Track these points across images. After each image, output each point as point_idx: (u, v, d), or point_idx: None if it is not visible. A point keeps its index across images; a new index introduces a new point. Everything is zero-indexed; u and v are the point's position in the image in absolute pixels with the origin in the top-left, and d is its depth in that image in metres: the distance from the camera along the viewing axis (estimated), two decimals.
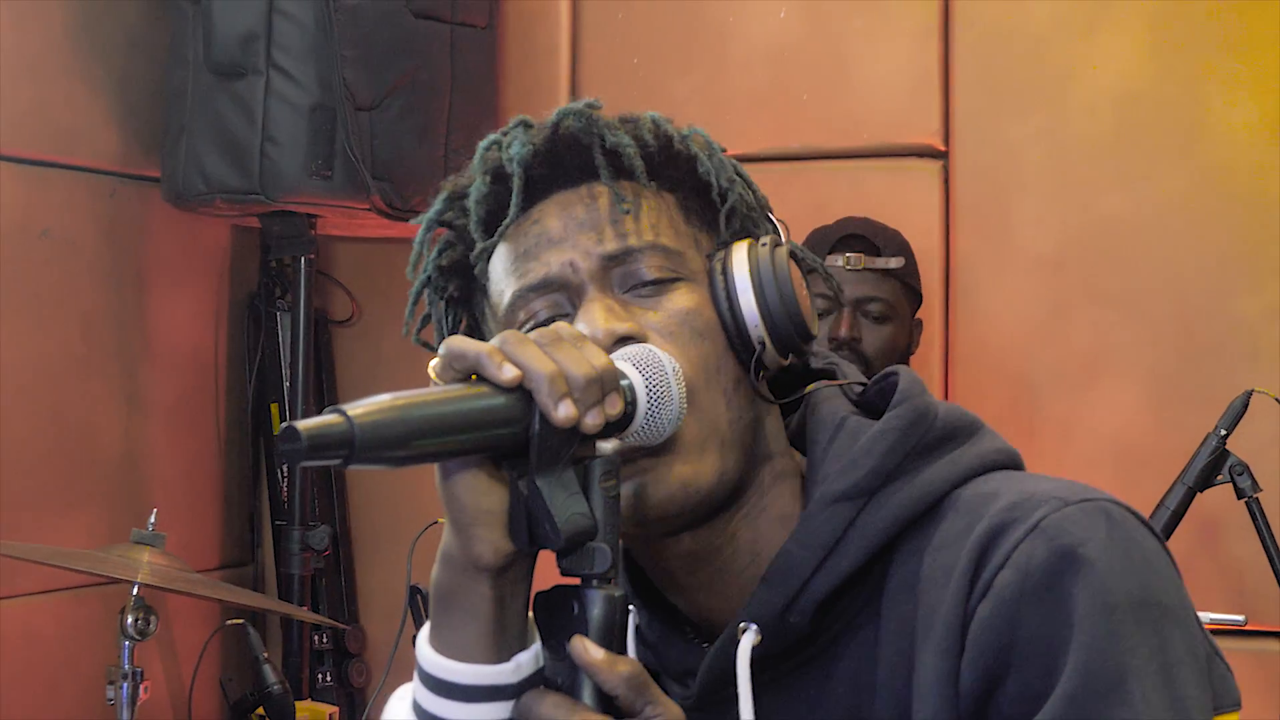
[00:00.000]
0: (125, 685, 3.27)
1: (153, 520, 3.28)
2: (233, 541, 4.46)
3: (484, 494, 1.34)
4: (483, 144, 1.61)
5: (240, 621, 3.58)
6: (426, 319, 1.67)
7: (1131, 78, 3.91)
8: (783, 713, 1.53)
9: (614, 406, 1.37)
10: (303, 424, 1.21)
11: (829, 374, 1.65)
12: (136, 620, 3.23)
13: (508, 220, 1.57)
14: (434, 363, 1.37)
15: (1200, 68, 3.90)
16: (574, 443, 1.36)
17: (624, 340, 1.48)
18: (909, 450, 1.53)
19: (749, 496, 1.56)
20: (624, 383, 1.41)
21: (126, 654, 3.26)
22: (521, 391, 1.33)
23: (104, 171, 4.01)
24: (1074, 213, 3.95)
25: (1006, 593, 1.41)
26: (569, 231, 1.54)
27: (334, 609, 4.41)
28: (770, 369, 1.56)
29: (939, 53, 4.07)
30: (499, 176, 1.58)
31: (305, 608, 4.07)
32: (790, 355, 1.56)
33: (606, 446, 1.38)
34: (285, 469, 4.32)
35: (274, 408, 4.40)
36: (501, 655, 1.38)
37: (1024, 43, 4.02)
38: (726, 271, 1.54)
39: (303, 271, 4.13)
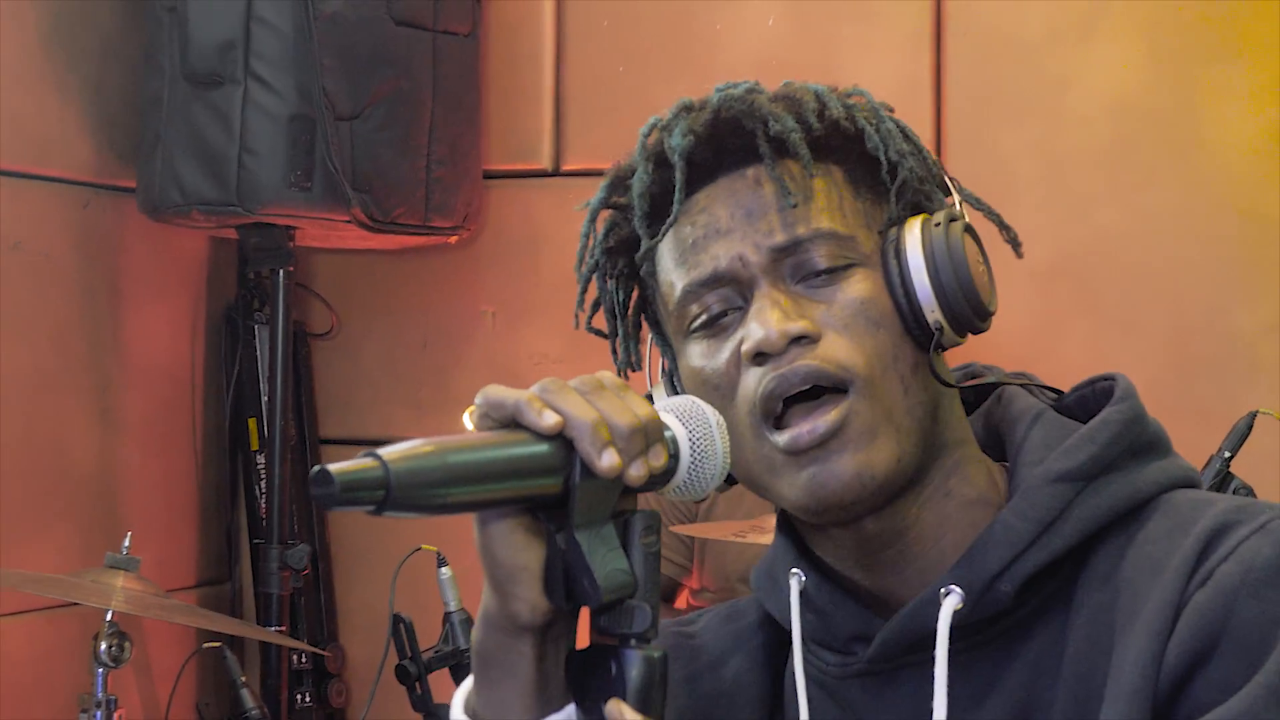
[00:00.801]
0: (99, 714, 3.19)
1: (127, 544, 3.20)
2: (210, 559, 4.39)
3: (521, 550, 1.31)
4: (644, 129, 1.60)
5: (218, 644, 3.50)
6: (596, 305, 1.65)
7: (1126, 87, 3.86)
8: (961, 684, 1.51)
9: (658, 459, 1.33)
10: (336, 467, 1.18)
11: (1021, 383, 1.66)
12: (110, 647, 3.15)
13: (669, 221, 1.54)
14: (470, 410, 1.33)
15: (1196, 77, 3.85)
16: (615, 495, 1.31)
17: (799, 340, 1.47)
18: (1126, 446, 1.54)
19: (931, 479, 1.54)
20: (667, 434, 1.36)
21: (100, 682, 3.18)
22: (562, 440, 1.29)
23: (78, 182, 3.94)
24: (1068, 224, 3.89)
25: (1227, 582, 1.41)
26: (736, 221, 1.52)
27: (313, 628, 4.35)
28: (948, 348, 1.54)
29: (931, 61, 4.01)
30: (662, 163, 1.56)
31: (284, 627, 4.00)
32: (967, 335, 1.53)
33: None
34: (264, 485, 4.25)
35: (252, 422, 4.33)
36: (539, 717, 1.34)
37: (1017, 51, 3.96)
38: (900, 255, 1.51)
39: (281, 284, 4.05)
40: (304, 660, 4.21)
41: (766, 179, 1.52)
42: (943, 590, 1.50)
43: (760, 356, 1.48)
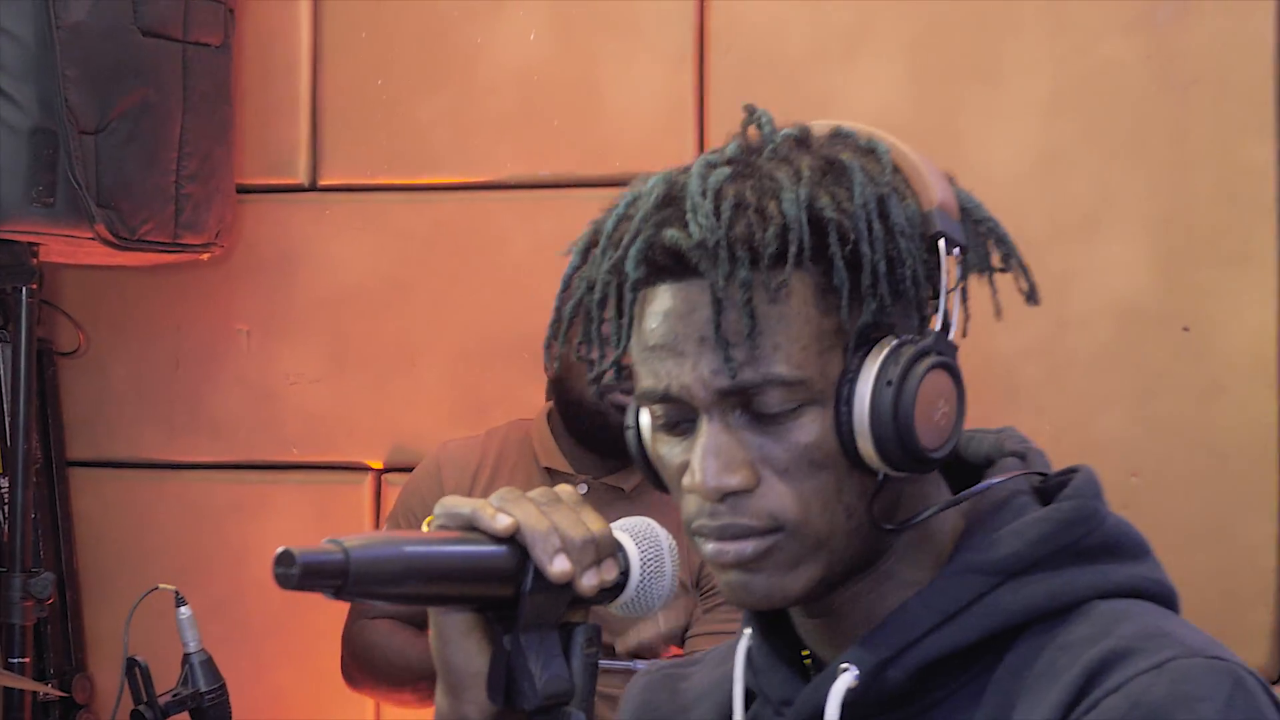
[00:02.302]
0: None
1: None
2: None
3: (475, 656, 1.42)
4: (611, 220, 1.53)
5: None
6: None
7: (889, 107, 3.87)
8: None
9: (610, 572, 1.43)
10: (300, 551, 1.27)
11: (1020, 455, 1.60)
12: None
13: (617, 354, 1.54)
14: (429, 520, 1.44)
15: (958, 98, 3.88)
16: (564, 604, 1.41)
17: (730, 495, 1.47)
18: (1061, 546, 1.51)
19: (878, 566, 1.54)
20: (619, 552, 1.45)
21: None
22: (517, 546, 1.38)
23: None
24: None
25: (1108, 716, 1.40)
26: (689, 344, 1.47)
27: (60, 657, 4.24)
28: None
29: (693, 78, 4.00)
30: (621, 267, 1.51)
31: (27, 658, 3.89)
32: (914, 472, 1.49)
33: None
34: (6, 509, 4.12)
35: None
36: None
37: (780, 69, 3.96)
38: (849, 404, 1.47)
39: (24, 302, 3.93)
40: (50, 692, 4.11)
41: (724, 300, 1.46)
42: (842, 666, 1.50)
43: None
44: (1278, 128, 3.70)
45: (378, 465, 4.16)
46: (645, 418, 1.56)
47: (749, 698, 1.63)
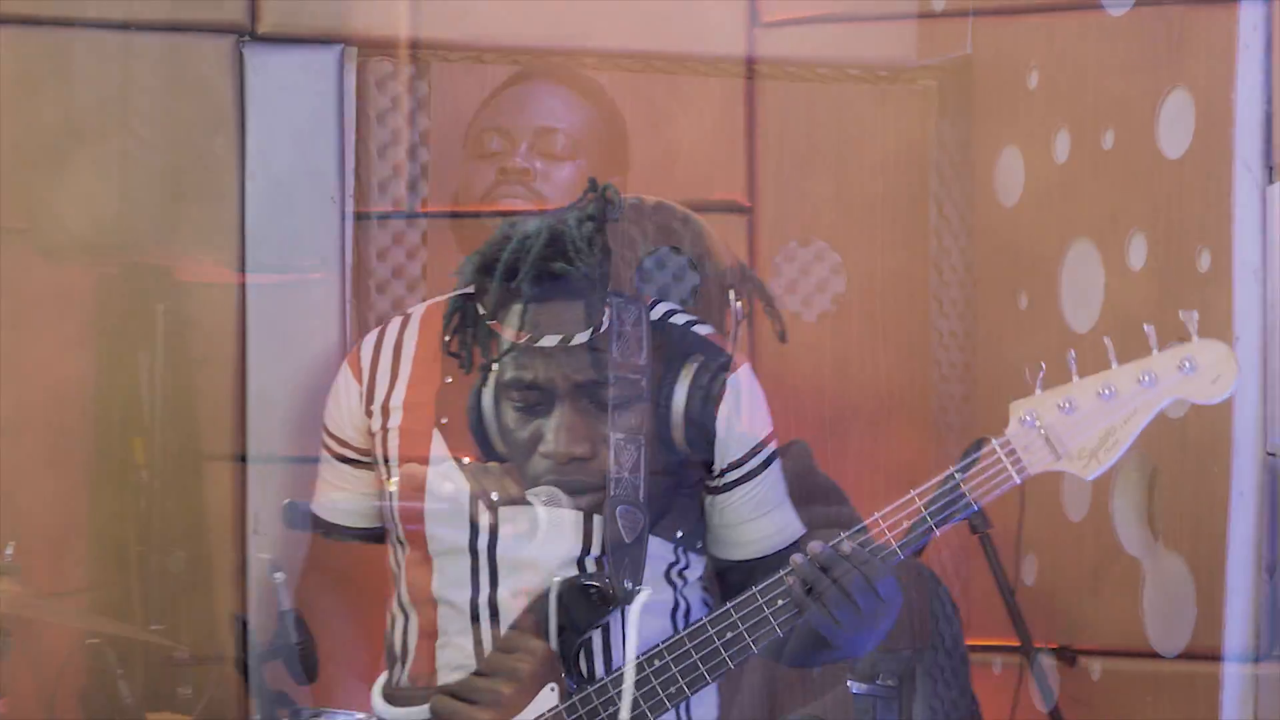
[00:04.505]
0: None
1: (9, 551, 3.54)
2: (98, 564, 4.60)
3: None
4: (509, 249, 2.09)
5: (97, 641, 3.81)
6: None
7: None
8: None
9: None
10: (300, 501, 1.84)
11: None
12: None
13: (508, 347, 2.06)
14: None
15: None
16: None
17: (576, 460, 2.01)
18: None
19: None
20: None
21: None
22: None
23: None
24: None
25: None
26: (557, 347, 2.02)
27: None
28: None
29: (744, 117, 4.19)
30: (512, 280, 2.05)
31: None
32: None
33: None
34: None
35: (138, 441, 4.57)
36: None
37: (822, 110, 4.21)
38: (669, 400, 2.06)
39: None
40: (185, 654, 4.47)
41: (582, 316, 2.00)
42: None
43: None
44: None
45: None
46: (487, 400, 2.05)
47: None
